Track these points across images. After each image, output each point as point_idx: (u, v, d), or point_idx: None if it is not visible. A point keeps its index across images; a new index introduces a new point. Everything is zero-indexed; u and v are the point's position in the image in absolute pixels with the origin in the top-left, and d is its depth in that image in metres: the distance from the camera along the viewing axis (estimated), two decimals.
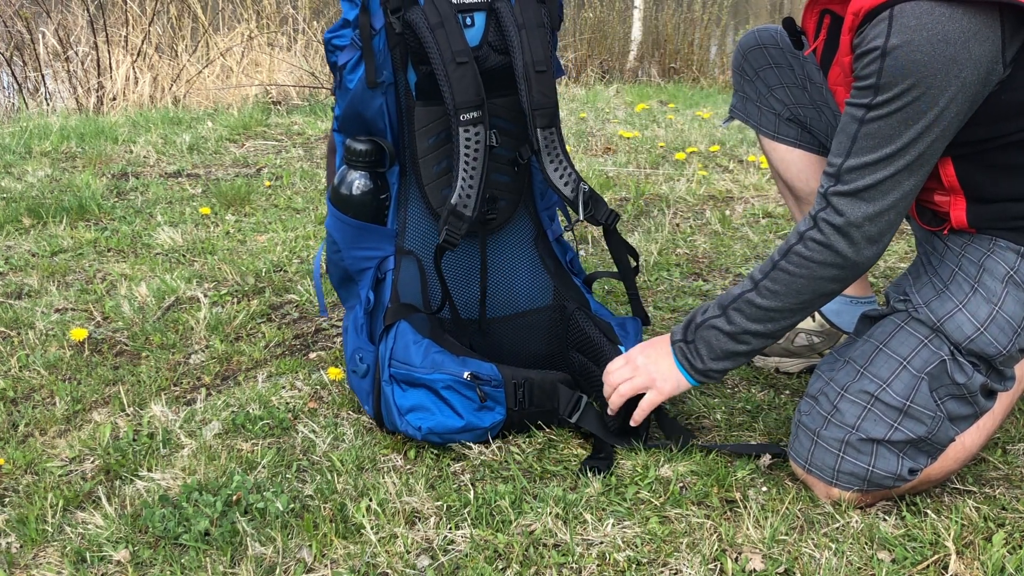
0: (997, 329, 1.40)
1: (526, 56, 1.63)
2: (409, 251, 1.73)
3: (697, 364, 1.50)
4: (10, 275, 2.55)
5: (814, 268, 1.38)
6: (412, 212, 1.73)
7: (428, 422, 1.59)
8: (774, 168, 1.91)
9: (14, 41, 6.11)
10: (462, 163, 1.60)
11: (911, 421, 1.40)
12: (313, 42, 6.42)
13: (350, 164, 1.69)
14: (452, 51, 1.57)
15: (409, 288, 1.72)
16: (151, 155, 3.96)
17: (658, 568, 1.33)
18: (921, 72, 1.24)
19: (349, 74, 1.63)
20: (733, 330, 1.45)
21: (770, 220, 2.97)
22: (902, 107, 1.27)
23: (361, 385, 1.72)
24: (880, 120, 1.29)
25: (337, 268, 1.77)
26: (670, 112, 5.11)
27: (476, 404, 1.60)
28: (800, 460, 1.47)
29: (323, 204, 3.21)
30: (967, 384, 1.40)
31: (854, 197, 1.33)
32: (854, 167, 1.33)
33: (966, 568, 1.30)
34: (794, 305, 1.41)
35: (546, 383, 1.64)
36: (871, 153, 1.31)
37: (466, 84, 1.58)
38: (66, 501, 1.52)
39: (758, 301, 1.42)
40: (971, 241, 1.45)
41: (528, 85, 1.63)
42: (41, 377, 1.97)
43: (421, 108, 1.66)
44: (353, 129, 1.69)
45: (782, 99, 1.83)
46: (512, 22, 1.63)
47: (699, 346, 1.49)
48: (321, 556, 1.37)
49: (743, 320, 1.44)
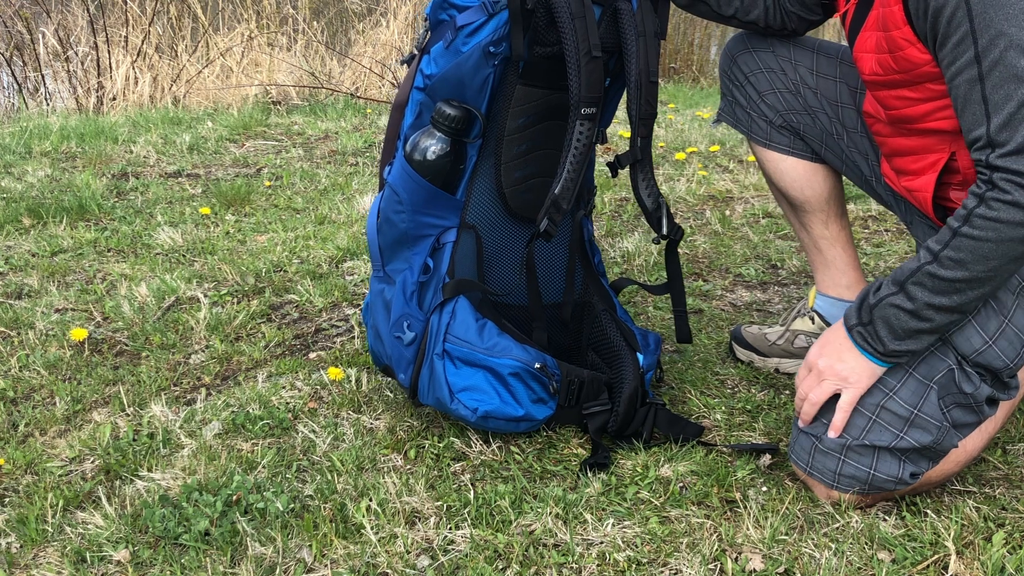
0: (1006, 342, 1.38)
1: (641, 63, 1.59)
2: (471, 226, 1.70)
3: (879, 347, 1.37)
4: (10, 275, 2.55)
5: (1002, 229, 1.25)
6: (480, 187, 1.69)
7: (486, 405, 1.57)
8: (767, 175, 1.89)
9: (14, 41, 6.11)
10: (570, 156, 1.56)
11: (917, 431, 1.39)
12: (313, 42, 6.42)
13: (435, 126, 1.61)
14: (590, 44, 1.53)
15: (465, 263, 1.69)
16: (151, 155, 3.96)
17: (658, 568, 1.33)
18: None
19: (467, 37, 1.55)
20: (914, 307, 1.32)
21: (770, 220, 2.97)
22: (1012, 39, 1.20)
23: (403, 353, 1.66)
24: (1000, 64, 1.21)
25: (394, 228, 1.69)
26: (670, 112, 5.11)
27: (535, 396, 1.60)
28: (800, 463, 1.47)
29: (323, 204, 3.21)
30: (974, 394, 1.39)
31: (1022, 153, 1.22)
32: (1002, 124, 1.23)
33: (966, 568, 1.30)
34: (983, 273, 1.28)
35: (595, 383, 1.64)
36: (1010, 102, 1.22)
37: (595, 79, 1.54)
38: (66, 501, 1.52)
39: (941, 273, 1.29)
40: None
41: (639, 93, 1.60)
42: (41, 377, 1.97)
43: (522, 87, 1.62)
44: (444, 92, 1.61)
45: (773, 105, 1.79)
46: (632, 28, 1.60)
47: (878, 327, 1.36)
48: (321, 556, 1.37)
49: (925, 294, 1.31)
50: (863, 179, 1.77)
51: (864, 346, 1.38)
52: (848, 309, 1.41)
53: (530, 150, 1.68)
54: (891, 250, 2.67)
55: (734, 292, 2.40)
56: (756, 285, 2.45)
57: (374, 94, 5.76)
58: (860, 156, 1.74)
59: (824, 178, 1.83)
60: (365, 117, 4.96)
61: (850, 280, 1.89)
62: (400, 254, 1.72)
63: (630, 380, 1.65)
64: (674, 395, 1.85)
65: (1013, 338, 1.38)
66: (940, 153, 1.44)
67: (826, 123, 1.76)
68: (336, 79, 6.04)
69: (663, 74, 7.64)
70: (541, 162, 1.69)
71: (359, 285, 2.45)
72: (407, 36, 6.25)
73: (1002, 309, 1.39)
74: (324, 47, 6.45)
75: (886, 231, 2.86)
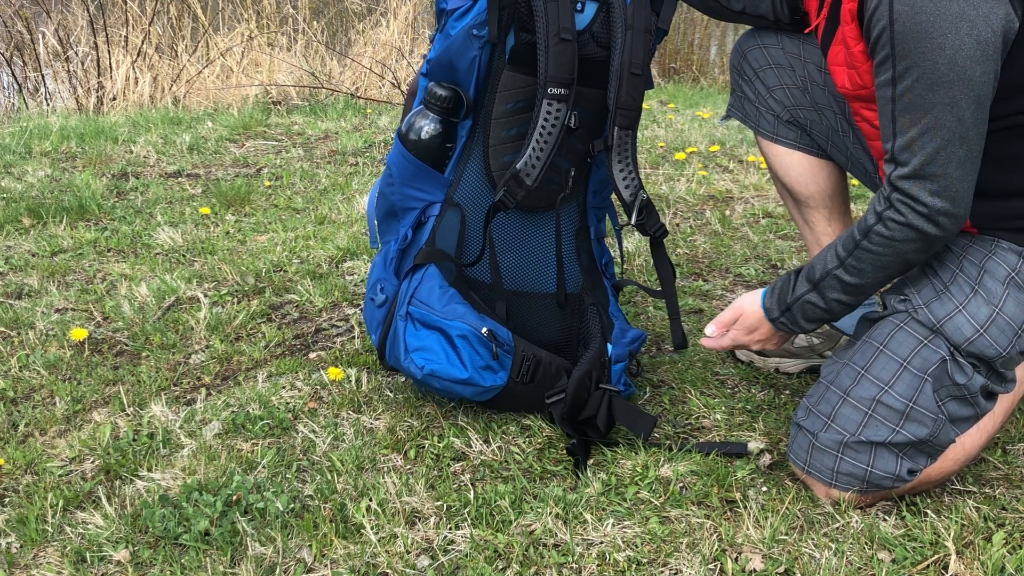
0: (997, 331, 1.40)
1: (625, 56, 1.64)
2: (457, 204, 1.77)
3: (796, 328, 1.57)
4: (10, 275, 2.55)
5: (897, 246, 1.40)
6: (470, 168, 1.76)
7: (432, 365, 1.61)
8: (773, 170, 1.90)
9: (14, 41, 6.11)
10: (536, 134, 1.64)
11: (913, 424, 1.40)
12: (313, 42, 6.42)
13: (427, 106, 1.72)
14: (559, 26, 1.60)
15: (447, 238, 1.76)
16: (151, 155, 3.96)
17: (658, 568, 1.33)
18: (930, 31, 1.24)
19: (455, 21, 1.65)
20: (825, 304, 1.51)
21: (770, 220, 2.97)
22: (923, 73, 1.27)
23: (375, 315, 1.77)
24: (909, 92, 1.30)
25: (386, 201, 1.80)
26: (670, 112, 5.11)
27: (483, 361, 1.62)
28: (799, 462, 1.47)
29: (323, 204, 3.21)
30: (967, 385, 1.40)
31: (916, 179, 1.34)
32: (903, 146, 1.34)
33: (966, 568, 1.30)
34: (881, 278, 1.46)
35: (552, 367, 1.66)
36: (912, 128, 1.32)
37: (563, 60, 1.61)
38: (66, 501, 1.52)
39: (846, 278, 1.46)
40: (972, 243, 1.45)
41: (619, 83, 1.65)
42: (41, 377, 1.97)
43: (509, 72, 1.69)
44: (440, 75, 1.72)
45: (781, 100, 1.81)
46: (622, 20, 1.65)
47: (796, 317, 1.55)
48: (321, 556, 1.37)
49: (834, 293, 1.49)
50: (867, 176, 1.78)
51: (783, 329, 1.60)
52: (769, 303, 1.58)
53: (520, 134, 1.73)
54: None
55: (734, 292, 2.40)
56: (756, 285, 2.45)
57: (374, 94, 5.76)
58: (864, 153, 1.75)
59: (829, 174, 1.84)
60: (365, 117, 4.96)
61: None
62: (391, 226, 1.82)
63: (584, 363, 1.67)
64: (674, 395, 1.85)
65: (1004, 326, 1.40)
66: None
67: (832, 120, 1.77)
68: (336, 79, 6.04)
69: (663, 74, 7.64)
70: None
71: (359, 285, 2.45)
72: (407, 36, 6.25)
73: (991, 298, 1.41)
74: (324, 47, 6.45)
75: None
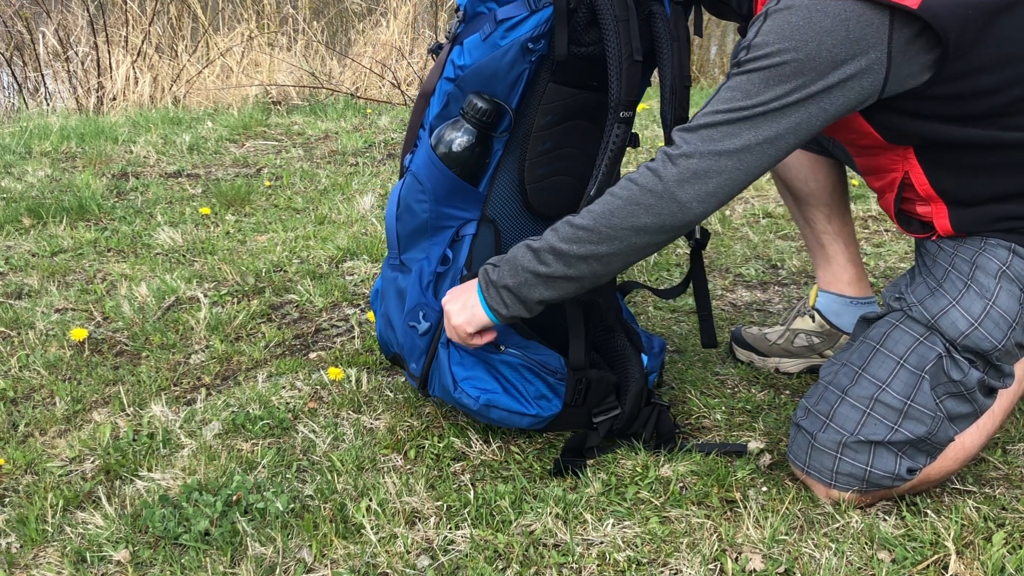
0: (992, 324, 1.40)
1: (674, 68, 1.61)
2: (491, 220, 1.71)
3: (494, 277, 1.47)
4: (10, 275, 2.55)
5: (634, 191, 1.37)
6: (502, 181, 1.70)
7: (488, 395, 1.59)
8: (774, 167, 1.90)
9: (14, 41, 6.12)
10: (606, 158, 1.59)
11: (911, 422, 1.40)
12: (313, 42, 6.43)
13: (465, 118, 1.61)
14: (632, 47, 1.55)
15: (482, 256, 1.70)
16: (151, 155, 3.96)
17: (658, 568, 1.33)
18: (794, 37, 1.26)
19: (507, 31, 1.56)
20: (540, 246, 1.43)
21: (770, 220, 2.97)
22: (767, 67, 1.29)
23: (417, 343, 1.68)
24: (743, 75, 1.31)
25: (415, 217, 1.69)
26: None
27: (538, 392, 1.61)
28: (798, 462, 1.47)
29: (323, 204, 3.21)
30: (963, 381, 1.40)
31: (692, 131, 1.34)
32: (706, 111, 1.34)
33: (966, 568, 1.30)
34: (604, 231, 1.38)
35: (603, 383, 1.65)
36: (725, 103, 1.33)
37: (635, 83, 1.57)
38: (66, 501, 1.52)
39: (574, 220, 1.41)
40: (963, 241, 1.46)
41: (674, 97, 1.62)
42: (41, 377, 1.97)
43: (553, 86, 1.62)
44: (475, 84, 1.61)
45: None
46: (667, 32, 1.61)
47: (503, 265, 1.47)
48: (321, 556, 1.37)
49: (552, 236, 1.42)
50: None
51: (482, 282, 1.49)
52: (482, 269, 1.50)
53: (554, 148, 1.69)
54: (891, 250, 2.67)
55: (734, 292, 2.40)
56: (756, 285, 2.45)
57: (374, 94, 5.76)
58: None
59: (829, 171, 1.85)
60: (365, 117, 4.96)
61: (852, 276, 1.90)
62: (418, 244, 1.72)
63: (636, 379, 1.66)
64: (674, 395, 1.85)
65: (998, 319, 1.41)
66: (895, 173, 1.47)
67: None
68: (336, 79, 6.05)
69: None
70: (563, 160, 1.70)
71: (359, 285, 2.45)
72: (407, 36, 6.26)
73: (984, 292, 1.41)
74: (324, 47, 6.45)
75: (886, 231, 2.86)
